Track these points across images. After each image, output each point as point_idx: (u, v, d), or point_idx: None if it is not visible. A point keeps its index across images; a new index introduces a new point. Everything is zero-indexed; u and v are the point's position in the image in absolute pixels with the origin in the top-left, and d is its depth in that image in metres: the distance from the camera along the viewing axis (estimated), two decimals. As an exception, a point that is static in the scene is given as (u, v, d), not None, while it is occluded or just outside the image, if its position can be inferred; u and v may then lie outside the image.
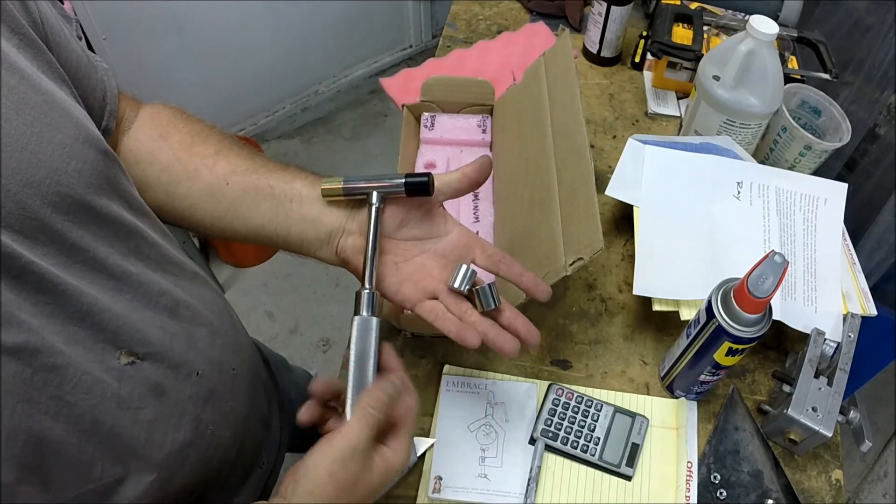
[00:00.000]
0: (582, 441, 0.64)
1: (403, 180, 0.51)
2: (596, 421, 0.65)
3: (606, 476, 0.64)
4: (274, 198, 0.53)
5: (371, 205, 0.51)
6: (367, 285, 0.50)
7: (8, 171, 0.36)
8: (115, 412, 0.43)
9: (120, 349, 0.43)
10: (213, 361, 0.53)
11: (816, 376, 0.63)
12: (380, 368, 0.49)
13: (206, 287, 0.56)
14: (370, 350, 0.48)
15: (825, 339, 0.66)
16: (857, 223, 1.06)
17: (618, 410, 0.66)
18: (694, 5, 1.04)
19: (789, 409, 0.61)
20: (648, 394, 0.69)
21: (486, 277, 0.55)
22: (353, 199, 0.53)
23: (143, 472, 0.45)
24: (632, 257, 0.74)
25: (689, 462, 0.63)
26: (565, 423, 0.65)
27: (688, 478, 0.63)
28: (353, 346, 0.48)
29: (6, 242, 0.36)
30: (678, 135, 0.93)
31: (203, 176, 0.53)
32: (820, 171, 0.84)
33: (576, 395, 0.67)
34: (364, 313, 0.49)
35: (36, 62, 0.41)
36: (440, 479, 0.62)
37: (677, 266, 0.71)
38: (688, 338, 0.62)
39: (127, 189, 0.47)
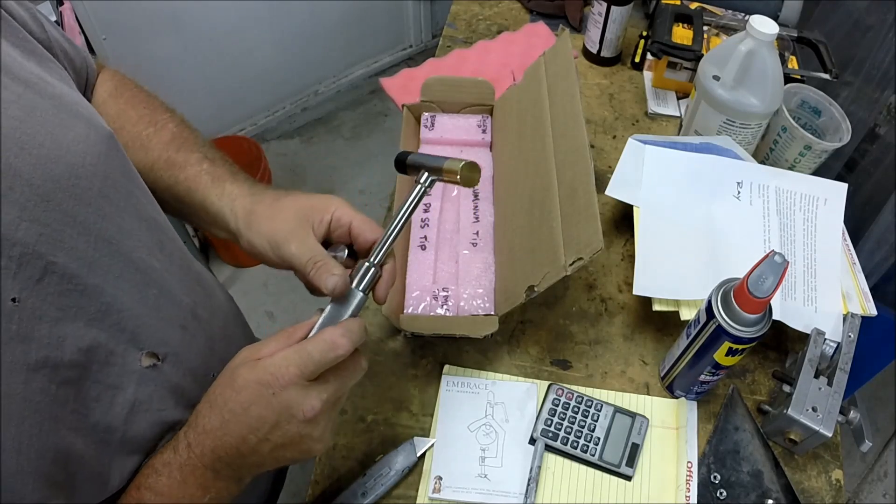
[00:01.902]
0: (582, 441, 0.64)
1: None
2: (596, 421, 0.65)
3: (606, 476, 0.64)
4: (168, 199, 0.53)
5: (418, 182, 0.49)
6: (370, 258, 0.47)
7: (29, 167, 0.36)
8: (129, 416, 0.43)
9: (141, 350, 0.43)
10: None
11: (816, 376, 0.63)
12: None
13: (218, 288, 0.57)
14: (340, 318, 0.45)
15: (825, 339, 0.66)
16: (857, 223, 1.06)
17: (618, 410, 0.66)
18: (694, 5, 1.04)
19: (789, 409, 0.61)
20: (648, 394, 0.69)
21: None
22: (229, 227, 0.51)
23: None
24: (632, 257, 0.74)
25: (689, 462, 0.63)
26: (565, 423, 0.65)
27: (688, 478, 0.63)
28: (327, 308, 0.46)
29: (33, 237, 0.36)
30: (678, 135, 0.93)
31: None
32: (820, 171, 0.84)
33: (576, 395, 0.67)
34: (352, 284, 0.46)
35: (41, 68, 0.42)
36: (440, 479, 0.62)
37: (677, 266, 0.71)
38: (688, 338, 0.62)
39: (143, 183, 0.48)
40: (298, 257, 0.46)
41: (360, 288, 0.46)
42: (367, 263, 0.47)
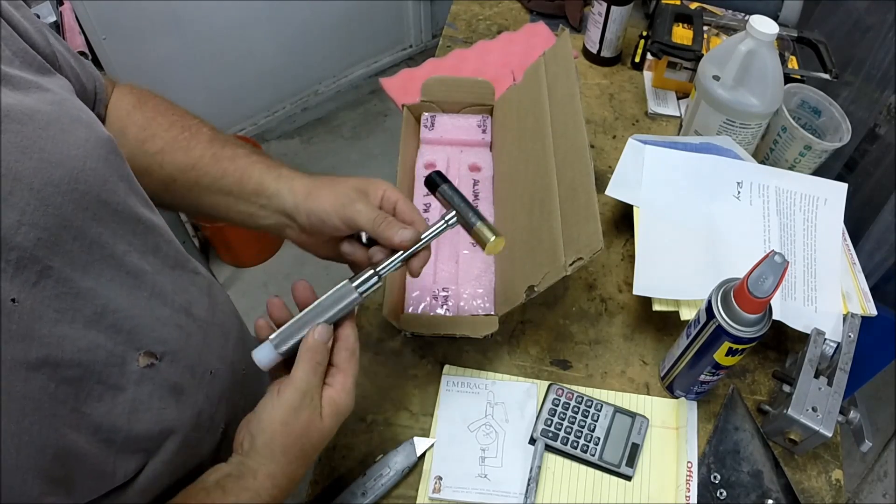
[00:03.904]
0: (582, 441, 0.64)
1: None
2: (596, 421, 0.65)
3: (606, 476, 0.64)
4: (213, 194, 0.56)
5: (444, 220, 0.52)
6: (379, 269, 0.50)
7: (29, 171, 0.37)
8: (131, 415, 0.43)
9: (139, 350, 0.44)
10: (226, 361, 0.54)
11: (816, 376, 0.63)
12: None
13: (215, 287, 0.57)
14: (329, 312, 0.49)
15: (825, 339, 0.66)
16: (857, 223, 1.06)
17: (618, 410, 0.66)
18: (694, 5, 1.04)
19: (789, 409, 0.61)
20: (648, 394, 0.69)
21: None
22: (285, 206, 0.54)
23: (158, 465, 0.46)
24: (632, 257, 0.74)
25: (689, 462, 0.63)
26: (565, 423, 0.65)
27: (688, 478, 0.63)
28: (322, 296, 0.49)
29: (31, 241, 0.36)
30: (678, 135, 0.93)
31: (154, 173, 0.55)
32: (820, 171, 0.84)
33: (576, 395, 0.67)
34: (354, 283, 0.49)
35: (41, 76, 0.43)
36: (440, 479, 0.62)
37: (677, 266, 0.71)
38: (688, 338, 0.62)
39: (139, 187, 0.48)
40: (367, 213, 0.50)
41: (359, 290, 0.49)
42: (371, 270, 0.50)
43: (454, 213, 0.52)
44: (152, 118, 0.56)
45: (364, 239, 0.54)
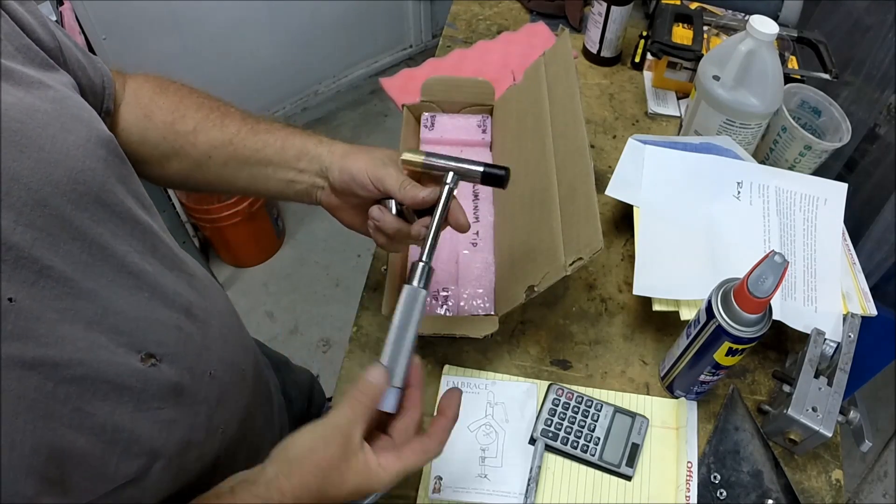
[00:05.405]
0: (582, 441, 0.64)
1: (481, 169, 0.53)
2: (596, 421, 0.65)
3: (606, 476, 0.64)
4: (251, 166, 0.57)
5: (445, 184, 0.53)
6: (424, 258, 0.51)
7: (28, 171, 0.36)
8: (134, 415, 0.43)
9: (139, 352, 0.44)
10: (225, 362, 0.54)
11: (816, 376, 0.63)
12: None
13: (213, 287, 0.57)
14: (413, 319, 0.48)
15: (825, 339, 0.66)
16: (857, 223, 1.06)
17: (618, 410, 0.66)
18: (694, 5, 1.04)
19: (789, 409, 0.61)
20: (648, 394, 0.69)
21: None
22: (322, 164, 0.56)
23: (160, 467, 0.46)
24: (632, 257, 0.74)
25: (689, 462, 0.63)
26: (565, 423, 0.65)
27: (688, 478, 0.63)
28: (397, 313, 0.48)
29: (28, 241, 0.36)
30: (678, 135, 0.93)
31: (188, 153, 0.57)
32: (820, 171, 0.84)
33: (576, 395, 0.67)
34: (415, 283, 0.50)
35: (43, 73, 0.43)
36: (440, 479, 0.62)
37: (677, 266, 0.71)
38: (688, 338, 0.62)
39: (138, 188, 0.48)
40: (395, 176, 0.53)
41: (422, 285, 0.50)
42: (422, 263, 0.51)
43: (452, 173, 0.54)
44: (178, 101, 0.58)
45: (393, 209, 0.56)
